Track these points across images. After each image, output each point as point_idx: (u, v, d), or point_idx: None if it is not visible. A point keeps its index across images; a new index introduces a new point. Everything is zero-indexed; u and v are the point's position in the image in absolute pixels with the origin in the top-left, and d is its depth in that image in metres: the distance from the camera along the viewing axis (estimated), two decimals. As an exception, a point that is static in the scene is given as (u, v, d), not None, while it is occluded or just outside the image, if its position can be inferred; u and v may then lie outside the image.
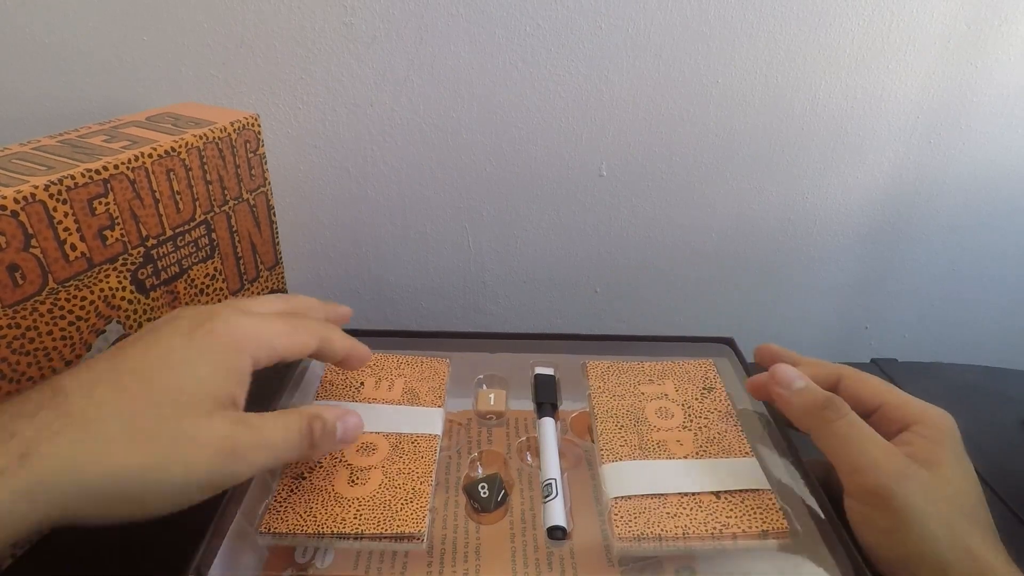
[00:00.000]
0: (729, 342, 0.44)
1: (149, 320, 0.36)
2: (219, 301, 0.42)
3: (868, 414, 0.34)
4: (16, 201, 0.28)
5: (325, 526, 0.29)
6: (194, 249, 0.39)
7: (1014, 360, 0.68)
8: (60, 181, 0.30)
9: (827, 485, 0.33)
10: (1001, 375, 0.58)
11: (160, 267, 0.36)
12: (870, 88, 0.57)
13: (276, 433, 0.28)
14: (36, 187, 0.29)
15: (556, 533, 0.31)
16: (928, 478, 0.28)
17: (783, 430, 0.37)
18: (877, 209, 0.65)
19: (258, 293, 0.45)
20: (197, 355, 0.27)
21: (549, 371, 0.42)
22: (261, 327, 0.29)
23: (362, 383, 0.38)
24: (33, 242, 0.29)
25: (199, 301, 0.40)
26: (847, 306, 0.71)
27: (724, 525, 0.30)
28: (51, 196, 0.29)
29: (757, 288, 0.68)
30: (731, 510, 0.31)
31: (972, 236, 0.67)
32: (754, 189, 0.62)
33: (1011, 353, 0.75)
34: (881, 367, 0.58)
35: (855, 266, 0.68)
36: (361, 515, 0.30)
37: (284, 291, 0.48)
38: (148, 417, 0.24)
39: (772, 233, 0.65)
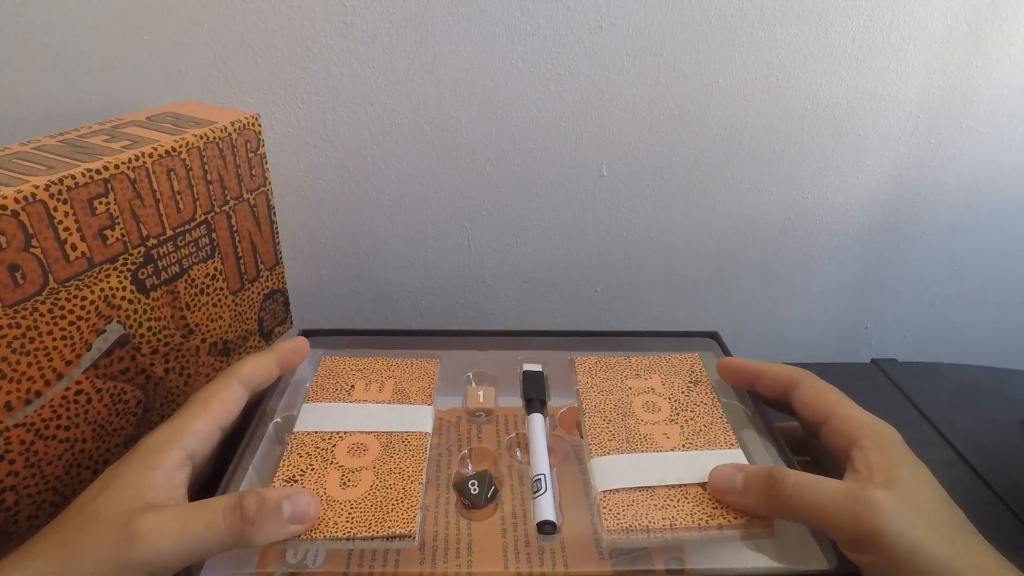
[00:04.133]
0: (714, 336, 0.45)
1: (149, 320, 0.37)
2: (219, 301, 0.42)
3: (818, 426, 0.34)
4: (16, 201, 0.28)
5: (317, 531, 0.29)
6: (194, 249, 0.39)
7: (1014, 360, 0.68)
8: (60, 181, 0.30)
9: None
10: (1001, 375, 0.58)
11: (160, 267, 0.37)
12: (870, 88, 0.57)
13: (193, 513, 0.27)
14: (36, 187, 0.29)
15: (546, 528, 0.31)
16: (895, 502, 0.27)
17: (768, 421, 0.37)
18: (877, 209, 0.64)
19: (258, 292, 0.46)
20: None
21: (537, 368, 0.42)
22: (176, 428, 0.31)
23: (352, 386, 0.39)
24: (33, 242, 0.29)
25: (199, 301, 0.40)
26: (847, 306, 0.71)
27: (711, 516, 0.31)
28: (51, 196, 0.30)
29: (757, 288, 0.68)
30: (718, 501, 0.31)
31: (972, 236, 0.67)
32: (754, 189, 0.62)
33: (1011, 353, 0.75)
34: (881, 367, 0.58)
35: (855, 266, 0.68)
36: (353, 517, 0.30)
37: (284, 291, 0.49)
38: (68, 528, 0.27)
39: (772, 233, 0.65)
